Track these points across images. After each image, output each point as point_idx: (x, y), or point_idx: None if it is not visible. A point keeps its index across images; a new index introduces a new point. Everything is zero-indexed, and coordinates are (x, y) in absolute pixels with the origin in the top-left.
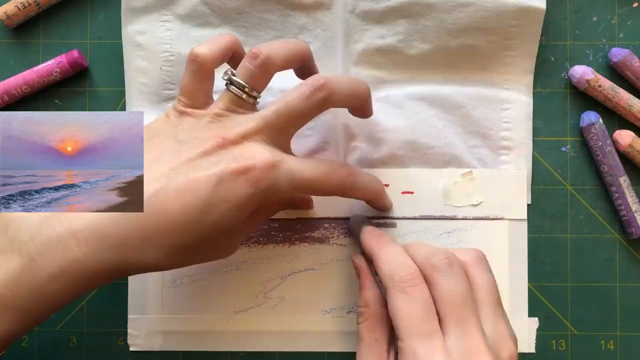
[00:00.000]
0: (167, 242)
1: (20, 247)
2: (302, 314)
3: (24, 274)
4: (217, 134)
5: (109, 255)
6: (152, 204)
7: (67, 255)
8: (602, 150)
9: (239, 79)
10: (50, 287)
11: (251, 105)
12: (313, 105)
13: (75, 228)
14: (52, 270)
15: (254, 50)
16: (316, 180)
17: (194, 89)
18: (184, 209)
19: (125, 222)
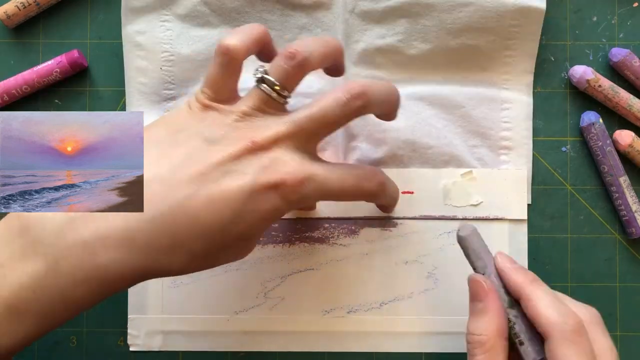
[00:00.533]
0: (194, 249)
1: (44, 251)
2: (302, 314)
3: (47, 278)
4: (247, 136)
5: (136, 261)
6: (182, 209)
7: (94, 260)
8: (602, 150)
9: (272, 78)
10: (74, 291)
11: (281, 105)
12: (349, 113)
13: (103, 233)
14: (77, 275)
15: (290, 50)
16: (345, 191)
17: (222, 83)
18: (214, 217)
19: (155, 227)
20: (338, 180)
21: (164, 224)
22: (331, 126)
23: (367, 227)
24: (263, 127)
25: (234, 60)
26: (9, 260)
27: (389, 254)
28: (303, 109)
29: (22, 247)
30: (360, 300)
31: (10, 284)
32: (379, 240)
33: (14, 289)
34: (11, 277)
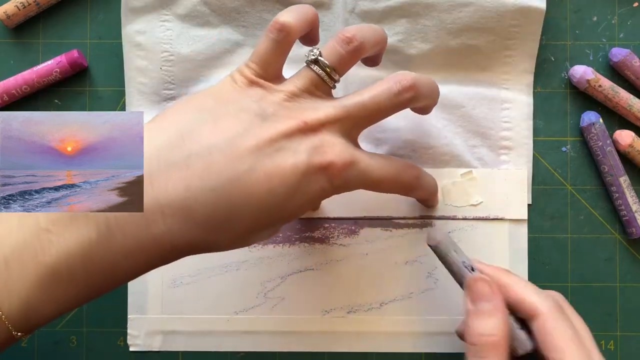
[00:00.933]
0: (245, 225)
1: (97, 217)
2: (302, 314)
3: (98, 247)
4: (298, 116)
5: (191, 233)
6: (240, 182)
7: (150, 230)
8: (602, 150)
9: (326, 60)
10: (123, 262)
11: (329, 89)
12: (398, 104)
13: (163, 202)
14: (130, 245)
15: (347, 35)
16: (385, 181)
17: (271, 60)
18: (270, 193)
19: (214, 198)
20: (379, 169)
21: (223, 196)
22: (379, 115)
23: (367, 227)
24: (312, 108)
25: (288, 37)
26: (56, 224)
27: (389, 254)
28: (353, 95)
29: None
30: (360, 300)
31: (56, 250)
32: (379, 240)
33: (60, 256)
34: (58, 243)
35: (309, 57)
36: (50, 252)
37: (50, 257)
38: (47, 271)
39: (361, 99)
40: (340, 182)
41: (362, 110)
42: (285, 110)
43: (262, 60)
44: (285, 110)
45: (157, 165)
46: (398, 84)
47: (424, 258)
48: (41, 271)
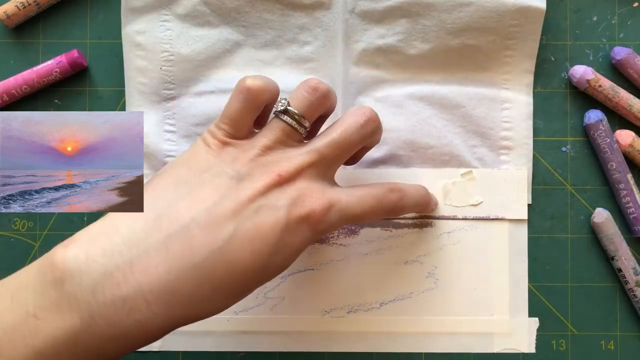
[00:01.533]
0: (233, 291)
1: (79, 306)
2: (302, 314)
3: (83, 333)
4: (272, 170)
5: (177, 313)
6: (222, 254)
7: (134, 317)
8: (610, 147)
9: (295, 109)
10: (108, 346)
11: (300, 137)
12: (365, 135)
13: (145, 288)
14: (114, 332)
15: (311, 84)
16: (367, 214)
17: (241, 119)
18: (253, 257)
19: (197, 275)
20: (358, 205)
21: (206, 271)
22: (350, 150)
23: (367, 227)
24: (285, 159)
25: (257, 98)
26: (43, 312)
27: (389, 254)
28: (323, 136)
29: (57, 300)
30: (360, 300)
31: (44, 337)
32: (379, 240)
33: (47, 342)
34: (45, 330)
35: (278, 108)
36: (38, 337)
37: (38, 341)
38: (35, 356)
39: (331, 138)
40: (323, 227)
41: (334, 149)
42: (259, 167)
43: (232, 120)
44: (259, 167)
45: (137, 251)
46: (362, 116)
47: (424, 258)
48: (30, 355)
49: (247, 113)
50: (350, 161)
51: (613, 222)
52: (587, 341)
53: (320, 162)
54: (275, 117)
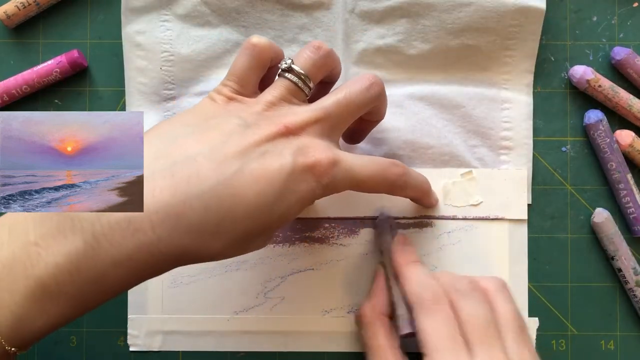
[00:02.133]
0: (237, 229)
1: (83, 227)
2: (302, 314)
3: (85, 258)
4: (279, 122)
5: (182, 240)
6: (228, 187)
7: (138, 239)
8: (610, 147)
9: (299, 67)
10: (112, 273)
11: (305, 96)
12: (369, 98)
13: (151, 209)
14: (118, 255)
15: (315, 43)
16: (371, 179)
17: (247, 75)
18: (259, 195)
19: (202, 204)
20: (364, 168)
21: (212, 200)
22: (354, 112)
23: (367, 227)
24: (291, 114)
25: (262, 54)
26: (44, 238)
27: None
28: (329, 96)
29: (59, 223)
30: (360, 300)
31: (45, 264)
32: None
33: (49, 269)
34: (46, 257)
35: (282, 66)
36: (39, 266)
37: (39, 270)
38: (36, 285)
39: (336, 97)
40: (327, 181)
41: (339, 108)
42: (265, 119)
43: (238, 77)
44: (265, 119)
45: (144, 173)
46: (366, 80)
47: (424, 258)
48: (30, 285)
49: (252, 69)
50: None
51: (613, 222)
52: (587, 341)
53: (326, 120)
54: (280, 76)
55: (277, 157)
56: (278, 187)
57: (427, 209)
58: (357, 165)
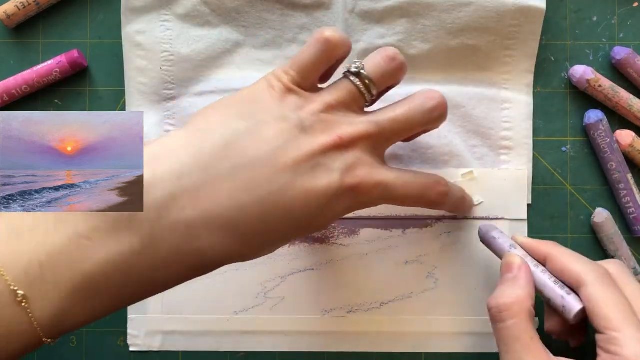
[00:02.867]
0: (279, 237)
1: (141, 227)
2: (302, 314)
3: (139, 258)
4: (333, 131)
5: (231, 246)
6: (280, 198)
7: (192, 244)
8: (610, 147)
9: (369, 74)
10: (162, 274)
11: (364, 105)
12: (429, 120)
13: (209, 215)
14: (171, 258)
15: (390, 53)
16: (409, 197)
17: (312, 69)
18: (304, 210)
19: (255, 212)
20: (403, 188)
21: (264, 210)
22: (410, 132)
23: (367, 227)
24: (347, 123)
25: (334, 51)
26: (97, 232)
27: (389, 254)
28: (386, 111)
29: (115, 220)
30: (360, 300)
31: (97, 260)
32: (379, 240)
33: (99, 265)
34: (98, 253)
35: (351, 69)
36: (89, 261)
37: (89, 265)
38: (83, 280)
39: (394, 114)
40: (365, 200)
41: (394, 126)
42: (321, 123)
43: (303, 68)
44: (321, 123)
45: (205, 176)
46: (431, 100)
47: (424, 258)
48: (77, 280)
49: (319, 64)
50: (406, 139)
51: (613, 222)
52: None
53: (378, 135)
54: (345, 77)
55: (326, 174)
56: (322, 204)
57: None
58: (398, 185)
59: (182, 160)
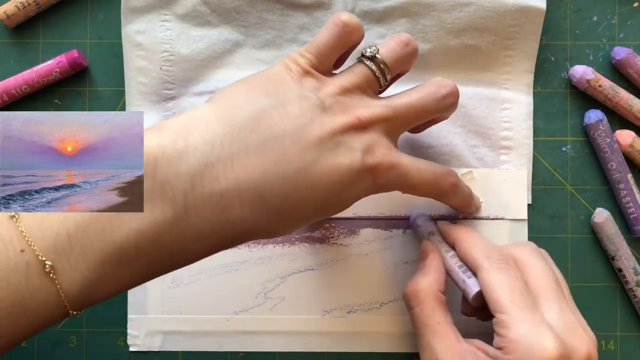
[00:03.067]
0: (305, 213)
1: (174, 197)
2: (302, 314)
3: (172, 228)
4: (352, 112)
5: (261, 219)
6: (306, 174)
7: (225, 215)
8: (610, 147)
9: (384, 58)
10: (193, 246)
11: (378, 89)
12: (441, 108)
13: (243, 186)
14: (203, 229)
15: (403, 38)
16: (424, 185)
17: (329, 52)
18: (328, 188)
19: (284, 186)
20: (417, 173)
21: (291, 185)
22: (423, 118)
23: (367, 227)
24: (363, 106)
25: (351, 35)
26: None
27: (389, 254)
28: (401, 96)
29: (147, 189)
30: (360, 300)
31: (127, 230)
32: (379, 240)
33: (130, 235)
34: (129, 222)
35: (367, 53)
36: (120, 231)
37: (120, 235)
38: (114, 250)
39: (409, 100)
40: (381, 183)
41: (409, 111)
42: (339, 104)
43: (320, 51)
44: (339, 104)
45: (237, 147)
46: (444, 88)
47: None
48: (107, 250)
49: (335, 47)
50: (416, 129)
51: (613, 222)
52: None
53: (393, 120)
54: (360, 62)
55: (348, 153)
56: (346, 183)
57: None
58: (413, 171)
59: (214, 130)
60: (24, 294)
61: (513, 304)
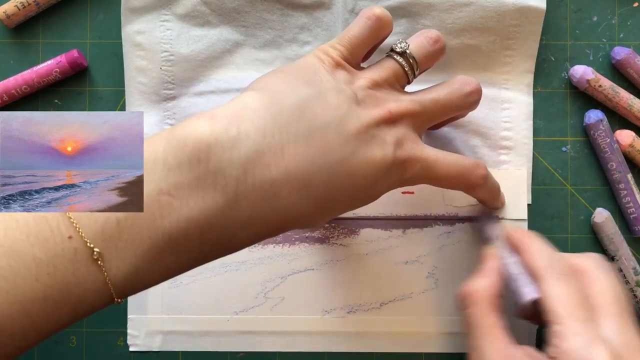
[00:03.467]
0: (341, 204)
1: (226, 184)
2: (302, 314)
3: (222, 216)
4: (384, 106)
5: (304, 209)
6: (345, 166)
7: (274, 203)
8: (610, 147)
9: (414, 54)
10: (241, 233)
11: (406, 84)
12: (465, 105)
13: (292, 174)
14: (252, 217)
15: (433, 35)
16: (451, 178)
17: (361, 45)
18: (363, 180)
19: (327, 177)
20: (445, 167)
21: (333, 176)
22: (448, 114)
23: (367, 227)
24: (393, 99)
25: (384, 29)
26: (179, 188)
27: (389, 254)
28: (429, 92)
29: (199, 176)
30: (360, 300)
31: (177, 216)
32: (378, 240)
33: (179, 223)
34: (179, 209)
35: (397, 49)
36: (170, 218)
37: (169, 222)
38: (162, 237)
39: (436, 95)
40: (409, 176)
41: (436, 106)
42: (371, 98)
43: (352, 44)
44: (371, 98)
45: (287, 135)
46: (468, 85)
47: (424, 258)
48: (157, 237)
49: (367, 40)
50: (436, 125)
51: (613, 222)
52: None
53: (421, 114)
54: (390, 57)
55: (382, 146)
56: (378, 175)
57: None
58: (440, 164)
59: (265, 118)
60: (70, 281)
61: (572, 315)
